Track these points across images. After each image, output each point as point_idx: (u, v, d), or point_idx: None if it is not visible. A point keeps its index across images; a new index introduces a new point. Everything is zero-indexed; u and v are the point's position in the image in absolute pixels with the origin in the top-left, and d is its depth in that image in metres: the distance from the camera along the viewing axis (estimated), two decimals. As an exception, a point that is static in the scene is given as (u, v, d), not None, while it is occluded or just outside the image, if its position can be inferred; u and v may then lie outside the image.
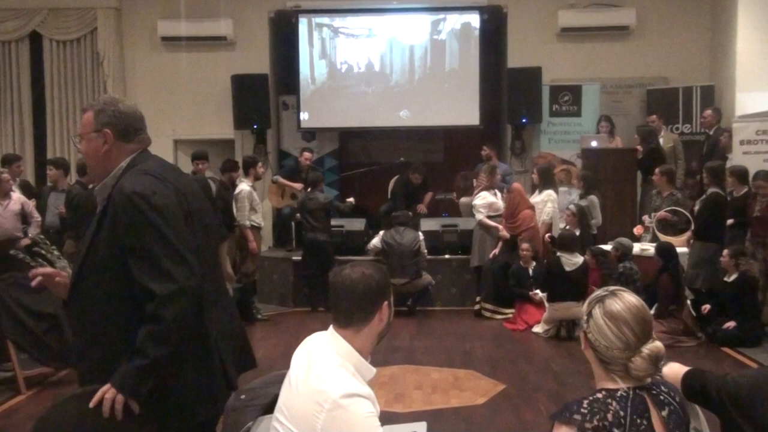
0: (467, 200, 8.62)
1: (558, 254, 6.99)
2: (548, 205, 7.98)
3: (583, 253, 7.05)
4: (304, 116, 10.11)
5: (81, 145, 2.42)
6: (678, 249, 6.89)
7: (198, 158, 7.82)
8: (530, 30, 9.84)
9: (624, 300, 1.89)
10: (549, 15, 9.78)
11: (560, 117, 9.74)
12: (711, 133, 8.49)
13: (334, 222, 8.41)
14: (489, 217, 7.96)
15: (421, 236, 8.02)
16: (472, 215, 8.18)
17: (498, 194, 8.13)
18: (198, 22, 9.79)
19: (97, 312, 2.28)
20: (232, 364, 2.44)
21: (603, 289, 1.97)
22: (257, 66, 9.81)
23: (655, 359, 1.85)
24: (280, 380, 2.26)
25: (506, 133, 10.13)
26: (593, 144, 8.96)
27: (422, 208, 9.23)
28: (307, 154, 9.21)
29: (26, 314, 5.23)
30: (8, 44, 10.08)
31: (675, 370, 2.10)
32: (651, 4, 9.75)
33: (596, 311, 1.91)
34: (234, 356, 2.48)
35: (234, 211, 7.57)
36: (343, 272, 2.21)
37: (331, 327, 2.22)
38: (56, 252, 5.41)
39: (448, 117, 9.99)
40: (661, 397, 1.88)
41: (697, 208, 7.11)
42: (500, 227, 7.83)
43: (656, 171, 7.80)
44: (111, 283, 2.25)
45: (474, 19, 9.96)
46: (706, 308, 6.74)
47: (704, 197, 7.10)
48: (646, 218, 7.85)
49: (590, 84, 9.66)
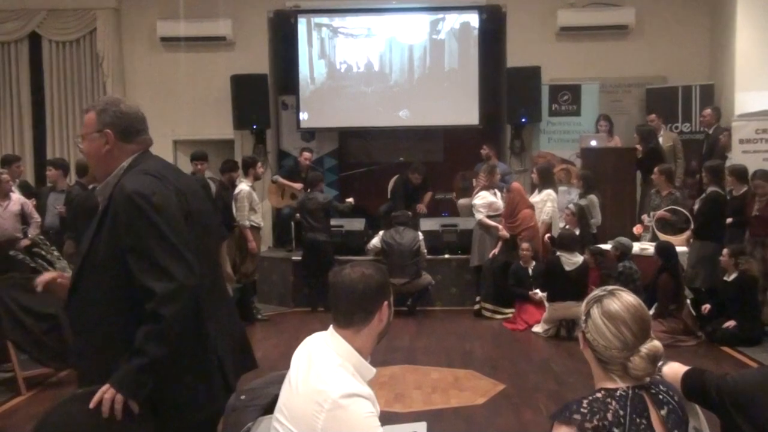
0: (465, 202, 8.62)
1: (558, 254, 6.99)
2: (548, 205, 7.98)
3: (583, 253, 7.05)
4: (304, 116, 10.10)
5: (83, 145, 2.44)
6: (678, 248, 6.89)
7: (197, 159, 7.83)
8: (529, 29, 9.83)
9: (622, 299, 1.89)
10: (548, 14, 9.77)
11: (560, 116, 9.73)
12: (710, 132, 8.48)
13: (334, 222, 8.40)
14: (489, 217, 7.95)
15: (421, 236, 8.02)
16: (471, 216, 8.18)
17: (497, 194, 8.13)
18: (197, 23, 9.78)
19: (97, 311, 2.29)
20: (232, 365, 2.44)
21: (601, 289, 1.97)
22: (257, 66, 9.81)
23: (654, 358, 1.86)
24: (280, 380, 2.26)
25: (506, 133, 10.12)
26: (593, 143, 8.96)
27: (422, 208, 9.22)
28: (307, 154, 9.21)
29: (26, 314, 5.23)
30: (8, 45, 10.08)
31: (675, 370, 2.09)
32: (650, 4, 9.73)
33: (594, 311, 1.91)
34: (234, 357, 2.48)
35: (233, 211, 7.57)
36: (343, 272, 2.20)
37: (331, 327, 2.22)
38: (56, 252, 5.42)
39: (448, 117, 9.99)
40: (660, 396, 1.88)
41: (697, 208, 7.11)
42: (500, 227, 7.83)
43: (655, 170, 7.81)
44: (111, 283, 2.26)
45: (473, 19, 9.96)
46: (706, 308, 6.74)
47: (704, 196, 7.09)
48: (645, 217, 7.86)
49: (589, 83, 9.65)
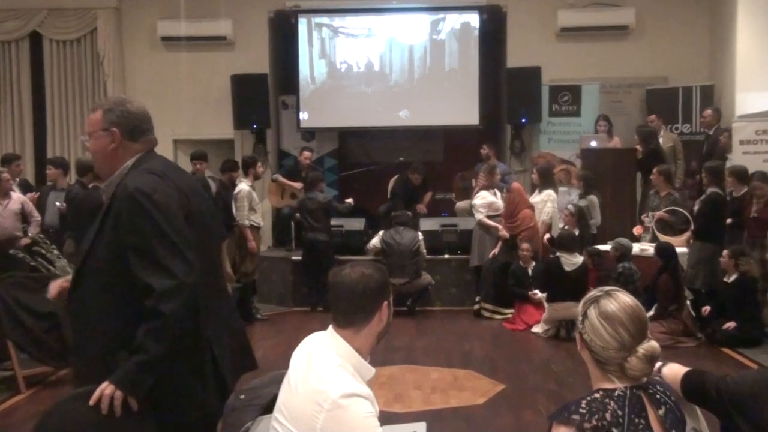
0: (464, 205, 8.63)
1: (557, 254, 6.99)
2: (548, 205, 7.98)
3: (582, 253, 7.05)
4: (304, 116, 10.11)
5: (89, 143, 2.46)
6: (677, 249, 6.88)
7: (196, 158, 7.83)
8: (529, 30, 9.83)
9: (619, 300, 1.90)
10: (548, 15, 9.77)
11: (560, 117, 9.73)
12: (711, 133, 8.48)
13: (334, 222, 8.40)
14: (488, 217, 7.95)
15: (421, 236, 8.02)
16: (470, 217, 8.18)
17: (497, 194, 8.12)
18: (197, 22, 9.79)
19: (97, 308, 2.30)
20: (231, 365, 2.44)
21: (598, 290, 1.97)
22: (257, 66, 9.81)
23: (651, 359, 1.86)
24: (280, 380, 2.26)
25: (506, 133, 10.12)
26: (593, 144, 8.96)
27: (422, 208, 9.22)
28: (307, 154, 9.21)
29: (26, 314, 5.22)
30: (8, 44, 10.08)
31: (675, 371, 2.09)
32: (650, 4, 9.73)
33: (591, 312, 1.91)
34: (234, 357, 2.48)
35: (233, 211, 7.57)
36: (343, 272, 2.20)
37: (331, 327, 2.21)
38: (56, 251, 5.44)
39: (448, 117, 9.99)
40: (658, 396, 1.89)
41: (697, 208, 7.10)
42: (500, 227, 7.83)
43: (654, 171, 7.81)
44: (112, 280, 2.27)
45: (473, 19, 9.96)
46: (707, 309, 6.73)
47: (704, 197, 7.09)
48: (645, 218, 7.85)
49: (590, 84, 9.65)
